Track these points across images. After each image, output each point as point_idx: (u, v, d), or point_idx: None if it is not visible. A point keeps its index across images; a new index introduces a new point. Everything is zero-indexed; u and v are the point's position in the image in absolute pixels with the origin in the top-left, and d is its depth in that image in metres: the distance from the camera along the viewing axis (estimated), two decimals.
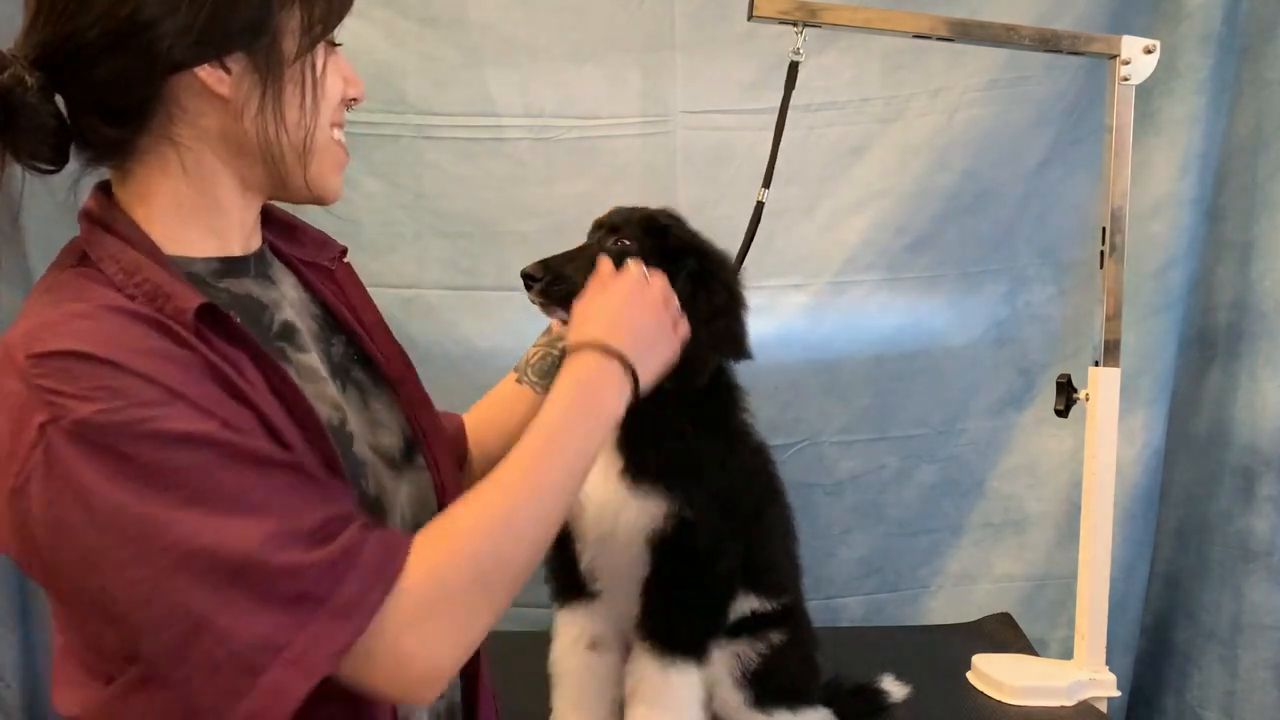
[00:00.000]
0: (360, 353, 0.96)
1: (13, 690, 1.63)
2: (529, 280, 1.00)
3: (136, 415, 0.67)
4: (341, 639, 0.69)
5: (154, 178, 0.83)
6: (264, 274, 0.91)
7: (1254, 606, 1.60)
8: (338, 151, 0.88)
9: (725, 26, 1.68)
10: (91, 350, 0.68)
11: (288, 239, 0.98)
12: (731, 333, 1.04)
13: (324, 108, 0.85)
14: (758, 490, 1.11)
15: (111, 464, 0.67)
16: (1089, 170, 1.71)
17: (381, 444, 0.92)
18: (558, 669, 1.09)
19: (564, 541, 1.07)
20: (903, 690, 1.37)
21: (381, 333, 0.99)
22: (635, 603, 1.04)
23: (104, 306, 0.73)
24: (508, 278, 1.12)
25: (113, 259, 0.78)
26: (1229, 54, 1.66)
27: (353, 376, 0.94)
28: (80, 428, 0.66)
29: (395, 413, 0.96)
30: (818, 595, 1.79)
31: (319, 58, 0.84)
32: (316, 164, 0.86)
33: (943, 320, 1.79)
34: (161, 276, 0.77)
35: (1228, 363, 1.68)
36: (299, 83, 0.82)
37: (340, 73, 0.87)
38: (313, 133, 0.84)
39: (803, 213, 1.75)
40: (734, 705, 1.08)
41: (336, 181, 0.89)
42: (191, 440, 0.68)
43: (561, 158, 1.71)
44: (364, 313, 0.99)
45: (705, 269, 1.03)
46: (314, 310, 0.95)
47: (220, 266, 0.86)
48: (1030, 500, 1.83)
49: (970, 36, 1.40)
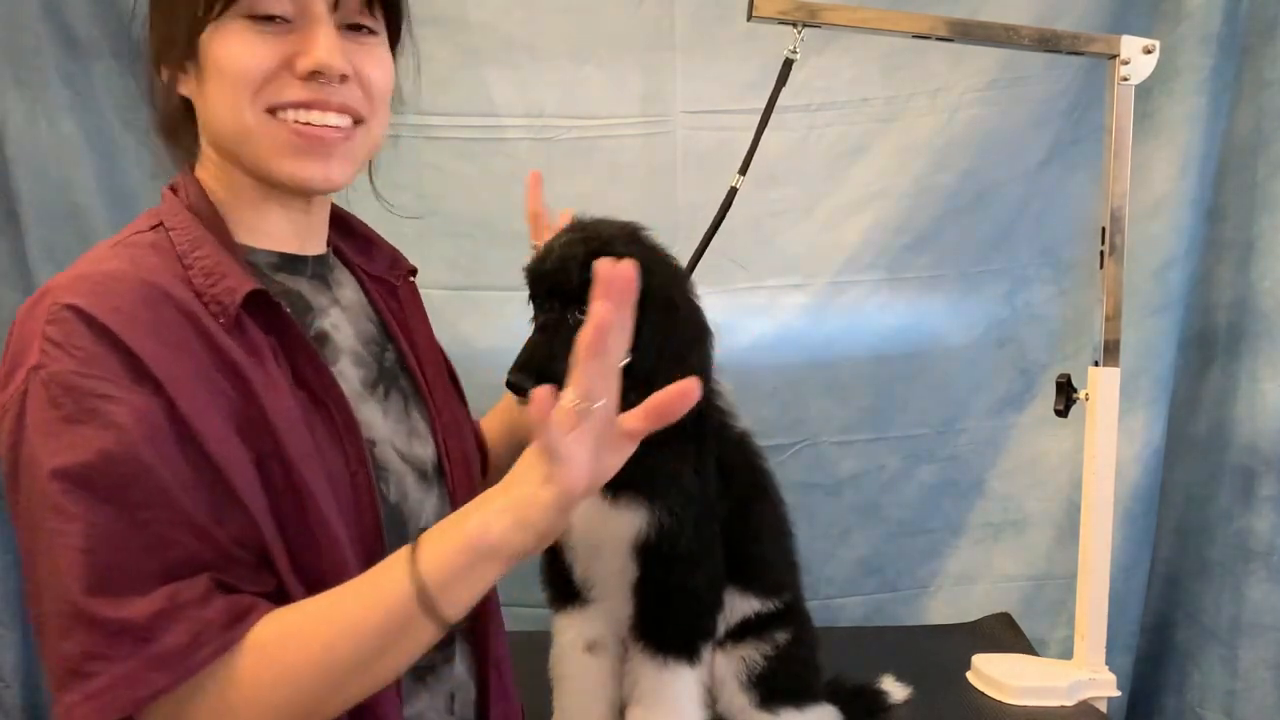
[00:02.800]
0: (407, 367, 0.98)
1: (13, 690, 1.63)
2: (517, 391, 0.92)
3: (96, 388, 0.72)
4: (151, 686, 0.69)
5: (204, 168, 0.89)
6: (321, 276, 0.94)
7: (1254, 606, 1.60)
8: (277, 132, 0.83)
9: (725, 26, 1.68)
10: (98, 315, 0.73)
11: (362, 251, 1.02)
12: (704, 366, 1.00)
13: (237, 87, 0.81)
14: (740, 487, 1.09)
15: (56, 422, 0.71)
16: (1089, 170, 1.71)
17: (414, 453, 0.94)
18: (557, 671, 1.09)
19: (556, 551, 1.07)
20: (903, 691, 1.37)
21: (430, 354, 1.01)
22: (628, 606, 1.04)
23: (142, 280, 0.77)
24: (508, 278, 1.11)
25: (183, 230, 0.83)
26: (1229, 54, 1.66)
27: (399, 384, 0.96)
28: (51, 379, 0.72)
29: (432, 428, 0.98)
30: (818, 595, 1.79)
31: (222, 36, 0.81)
32: (252, 150, 0.83)
33: (943, 320, 1.79)
34: (222, 257, 0.82)
35: (1228, 363, 1.68)
36: (212, 69, 0.82)
37: (278, 45, 0.81)
38: (235, 116, 0.82)
39: (803, 213, 1.75)
40: (739, 707, 1.07)
41: (293, 166, 0.84)
42: (125, 435, 0.71)
43: (561, 158, 1.71)
44: (416, 332, 1.01)
45: (670, 299, 0.98)
46: (370, 315, 0.98)
47: (278, 261, 0.90)
48: (1030, 500, 1.83)
49: (970, 36, 1.40)
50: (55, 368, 0.72)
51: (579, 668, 1.07)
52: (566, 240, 0.97)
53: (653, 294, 0.93)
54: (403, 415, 0.95)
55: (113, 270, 0.77)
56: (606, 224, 1.00)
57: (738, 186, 1.33)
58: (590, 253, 0.92)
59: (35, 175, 1.58)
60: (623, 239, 0.97)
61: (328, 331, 0.91)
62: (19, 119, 1.57)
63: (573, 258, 0.94)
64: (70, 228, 1.59)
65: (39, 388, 0.72)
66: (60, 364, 0.72)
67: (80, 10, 1.58)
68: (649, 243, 1.01)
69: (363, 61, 0.85)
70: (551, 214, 1.20)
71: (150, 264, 0.79)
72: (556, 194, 1.71)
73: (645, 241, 1.00)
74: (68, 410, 0.71)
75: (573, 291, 0.93)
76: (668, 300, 0.96)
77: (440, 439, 0.98)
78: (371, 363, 0.94)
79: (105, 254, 0.80)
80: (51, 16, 1.57)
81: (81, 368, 0.72)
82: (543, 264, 0.96)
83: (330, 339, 0.91)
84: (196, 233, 0.83)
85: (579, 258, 0.93)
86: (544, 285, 0.96)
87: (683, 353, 0.97)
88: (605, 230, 0.98)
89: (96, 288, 0.75)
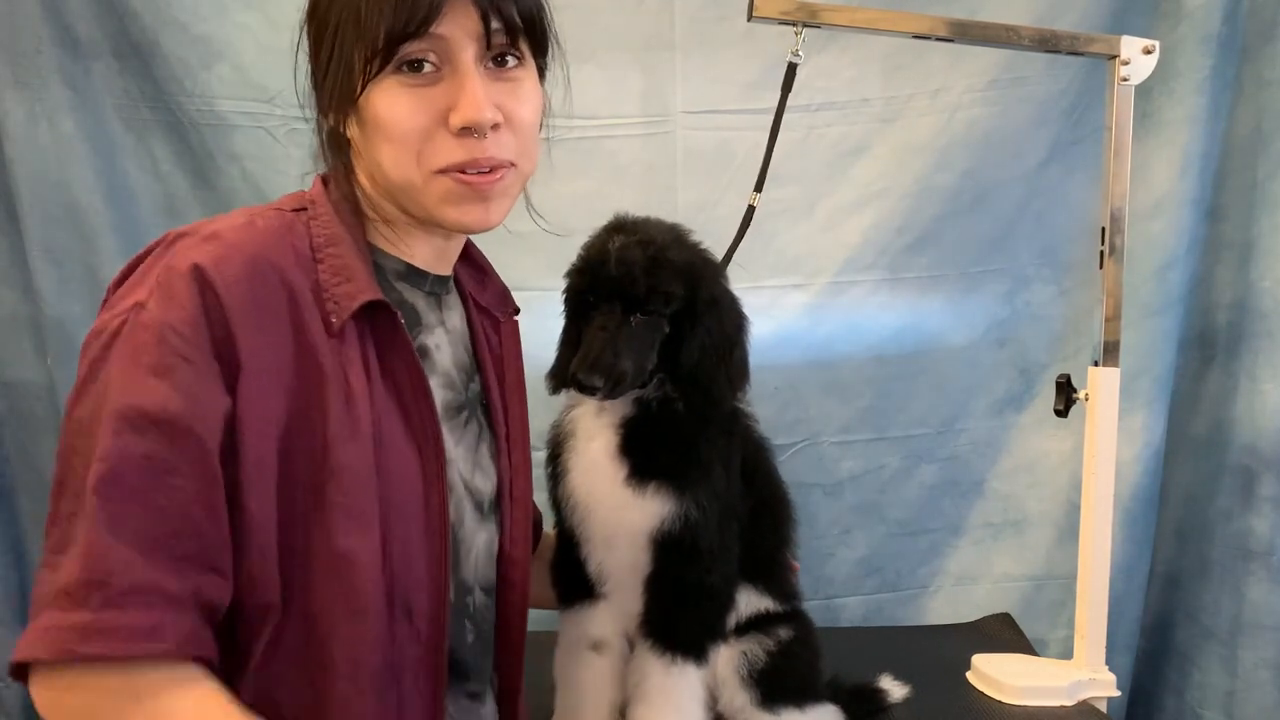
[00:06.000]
0: (488, 401, 1.00)
1: (13, 690, 1.63)
2: (587, 389, 0.97)
3: (181, 349, 0.74)
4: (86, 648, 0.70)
5: (360, 179, 0.91)
6: (436, 295, 0.96)
7: (1254, 606, 1.60)
8: (446, 185, 0.85)
9: (725, 26, 1.68)
10: (215, 281, 0.76)
11: (476, 282, 1.05)
12: (744, 361, 1.06)
13: (397, 146, 0.83)
14: (761, 488, 1.11)
15: (136, 366, 0.74)
16: (1089, 170, 1.71)
17: (475, 484, 0.96)
18: (561, 670, 1.10)
19: (569, 546, 1.07)
20: (902, 690, 1.36)
21: (515, 394, 1.03)
22: (639, 602, 1.04)
23: (268, 260, 0.79)
24: (507, 277, 1.11)
25: (325, 222, 0.86)
26: (1229, 54, 1.66)
27: (478, 416, 0.99)
28: (148, 324, 0.75)
29: (498, 466, 0.99)
30: (817, 595, 1.79)
31: (382, 94, 0.82)
32: (415, 200, 0.86)
33: (943, 320, 1.79)
34: (353, 258, 0.84)
35: (1228, 363, 1.68)
36: (373, 126, 0.84)
37: (430, 100, 0.83)
38: (399, 172, 0.84)
39: (803, 213, 1.75)
40: (739, 705, 1.08)
41: (458, 214, 0.87)
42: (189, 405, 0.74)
43: (561, 158, 1.68)
44: (508, 370, 1.03)
45: (715, 298, 1.03)
46: (468, 344, 1.00)
47: (404, 270, 0.92)
48: (1030, 500, 1.83)
49: (970, 36, 1.40)
50: (157, 315, 0.75)
51: (583, 666, 1.08)
52: (622, 244, 0.98)
53: (700, 296, 1.00)
54: (473, 446, 0.97)
55: (244, 241, 0.79)
56: (654, 225, 1.03)
57: (755, 205, 1.33)
58: (650, 258, 0.97)
59: (35, 175, 1.58)
60: (674, 243, 1.01)
61: (430, 348, 0.93)
62: (19, 119, 1.57)
63: (635, 263, 0.97)
64: (70, 228, 1.59)
65: (135, 327, 0.75)
66: (161, 314, 0.75)
67: (80, 10, 1.58)
68: (694, 244, 1.05)
69: (511, 102, 0.87)
70: (551, 214, 1.20)
71: (283, 244, 0.82)
72: (556, 194, 1.70)
73: (690, 244, 1.04)
74: (150, 359, 0.74)
75: (635, 297, 0.97)
76: (712, 300, 1.02)
77: (503, 477, 0.99)
78: (460, 388, 0.96)
79: (245, 221, 0.82)
80: (51, 16, 1.57)
81: (180, 325, 0.75)
82: (604, 268, 0.98)
83: (430, 356, 0.93)
84: (336, 229, 0.85)
85: (641, 263, 0.97)
86: (605, 289, 0.98)
87: (726, 351, 1.02)
88: (656, 234, 1.01)
89: (226, 253, 0.78)
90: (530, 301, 1.14)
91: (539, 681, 1.10)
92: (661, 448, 1.02)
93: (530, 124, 0.90)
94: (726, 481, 1.05)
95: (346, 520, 0.80)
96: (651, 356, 1.00)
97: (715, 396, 1.02)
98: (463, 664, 0.95)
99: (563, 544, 1.09)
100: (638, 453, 1.02)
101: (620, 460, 1.02)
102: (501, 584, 1.00)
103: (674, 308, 0.99)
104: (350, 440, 0.80)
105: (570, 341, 1.05)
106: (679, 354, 1.00)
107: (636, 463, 1.01)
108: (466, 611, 0.95)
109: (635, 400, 1.03)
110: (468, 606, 0.95)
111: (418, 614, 0.85)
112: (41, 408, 1.64)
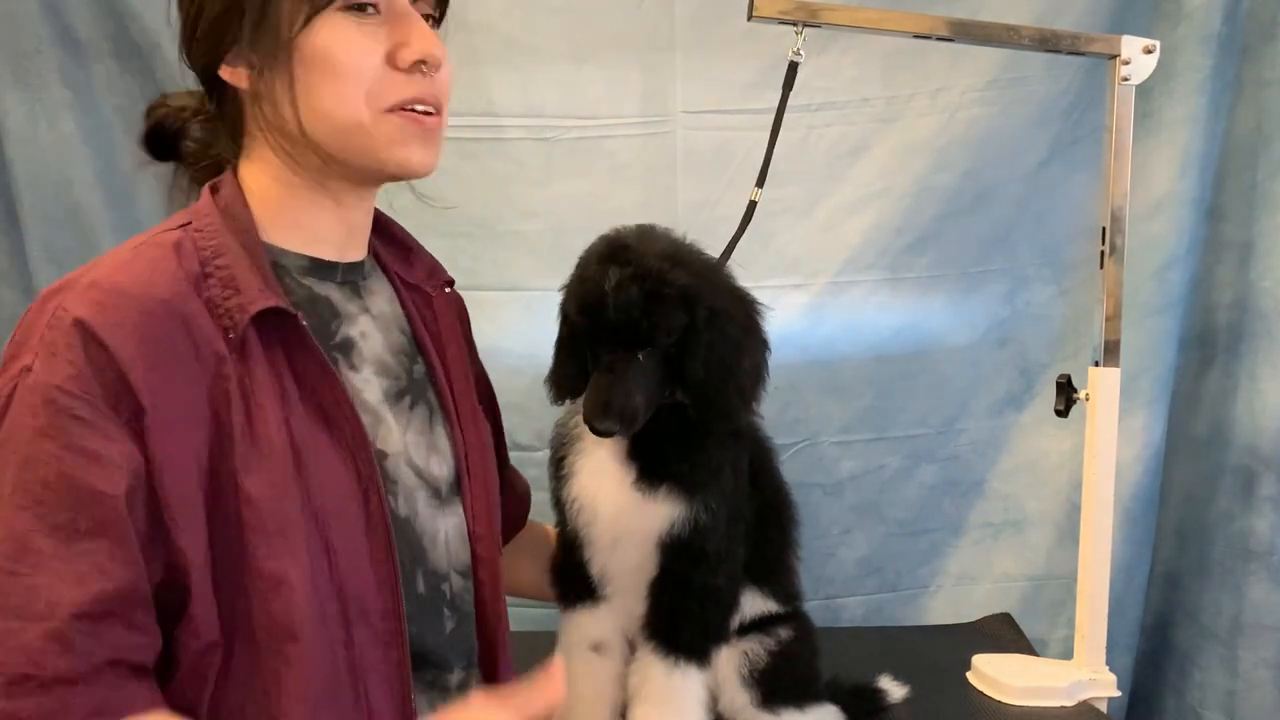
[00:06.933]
0: (436, 380, 0.97)
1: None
2: (605, 435, 0.96)
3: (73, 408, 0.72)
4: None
5: (249, 166, 0.88)
6: (352, 283, 0.93)
7: (1254, 606, 1.59)
8: (396, 124, 0.84)
9: (725, 26, 1.68)
10: (99, 331, 0.73)
11: (401, 260, 1.01)
12: (756, 369, 1.04)
13: (349, 82, 0.82)
14: (767, 491, 1.11)
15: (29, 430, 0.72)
16: (1089, 170, 1.71)
17: (430, 470, 0.93)
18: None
19: (571, 547, 1.07)
20: (902, 690, 1.36)
21: (459, 369, 1.00)
22: (642, 605, 1.04)
23: (152, 298, 0.77)
24: (508, 277, 1.11)
25: (209, 234, 0.83)
26: (1229, 54, 1.66)
27: (426, 398, 0.96)
28: (35, 388, 0.73)
29: (454, 445, 0.97)
30: (817, 595, 1.78)
31: (329, 30, 0.81)
32: (361, 142, 0.84)
33: (943, 320, 1.79)
34: (242, 268, 0.81)
35: (1228, 363, 1.68)
36: (313, 63, 0.82)
37: (377, 38, 0.83)
38: (346, 110, 0.82)
39: (803, 213, 1.75)
40: (740, 705, 1.08)
41: (405, 153, 0.85)
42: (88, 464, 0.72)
43: (561, 158, 1.71)
44: (448, 345, 1.00)
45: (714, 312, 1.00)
46: (403, 326, 0.97)
47: (308, 264, 0.89)
48: (1030, 500, 1.83)
49: (970, 36, 1.40)
50: (41, 377, 0.73)
51: (584, 668, 1.07)
52: (618, 283, 0.94)
53: (700, 313, 0.97)
54: (425, 429, 0.94)
55: (124, 284, 0.77)
56: (649, 246, 0.97)
57: (756, 200, 1.33)
58: (646, 294, 0.93)
59: (35, 175, 1.58)
60: (670, 267, 0.95)
61: (354, 339, 0.91)
62: (19, 119, 1.57)
63: (632, 304, 0.93)
64: (70, 228, 1.59)
65: (25, 391, 0.73)
66: (47, 374, 0.73)
67: (80, 10, 1.58)
68: (693, 257, 1.00)
69: (439, 50, 0.87)
70: (551, 214, 1.20)
71: (168, 271, 0.79)
72: (556, 194, 1.72)
73: (689, 258, 0.99)
74: (41, 423, 0.72)
75: (638, 337, 0.95)
76: (712, 315, 0.98)
77: (461, 457, 0.97)
78: (400, 373, 0.94)
79: (126, 258, 0.80)
80: (51, 16, 1.57)
81: (66, 383, 0.72)
82: (602, 312, 0.94)
83: (356, 346, 0.90)
84: (222, 239, 0.83)
85: (637, 302, 0.93)
86: (606, 331, 0.96)
87: (734, 361, 1.00)
88: (652, 260, 0.95)
89: (105, 300, 0.75)
90: (530, 301, 1.14)
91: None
92: (671, 450, 1.01)
93: (450, 76, 0.91)
94: (735, 484, 1.04)
95: (267, 543, 0.78)
96: (663, 383, 0.99)
97: (726, 409, 1.00)
98: (437, 654, 0.92)
99: (565, 546, 1.09)
100: (647, 455, 1.01)
101: (629, 463, 1.01)
102: (473, 561, 0.97)
103: (676, 336, 0.97)
104: (258, 461, 0.78)
105: (568, 352, 1.04)
106: (685, 371, 0.98)
107: (645, 465, 1.01)
108: (444, 599, 0.93)
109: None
110: (444, 594, 0.93)
111: (374, 614, 0.84)
112: None
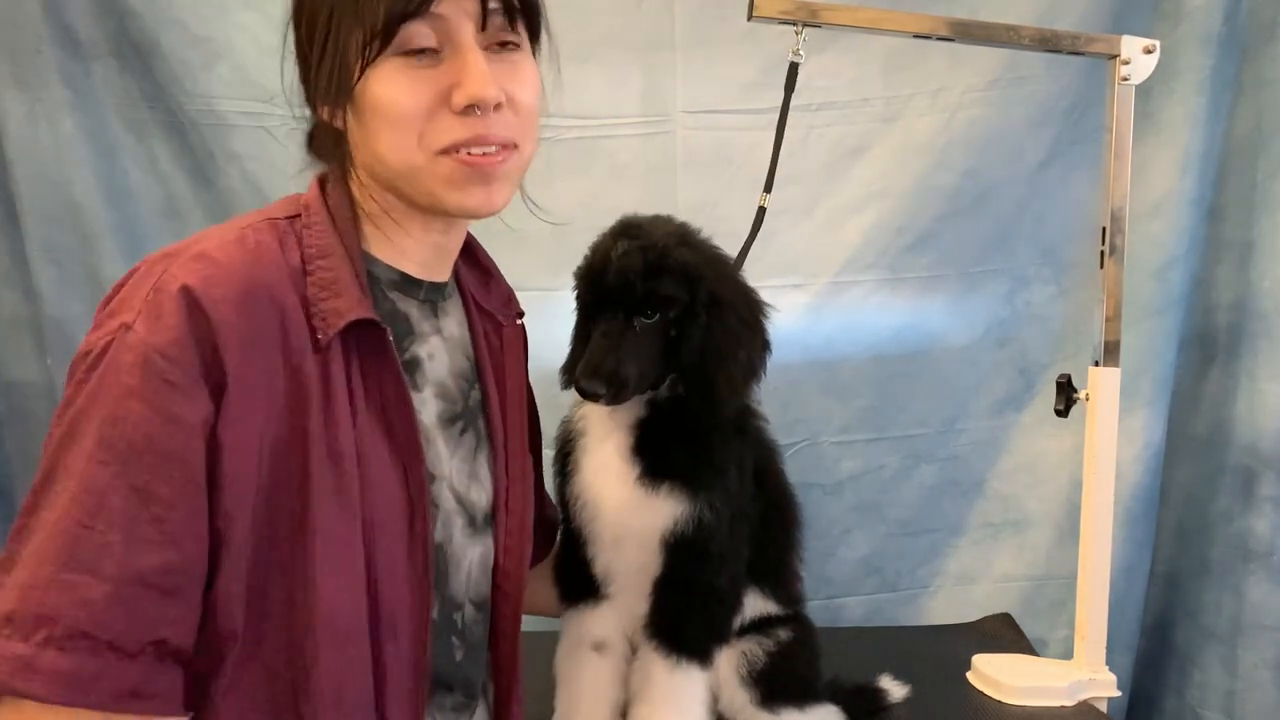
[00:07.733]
0: (488, 409, 0.98)
1: None
2: (590, 396, 0.97)
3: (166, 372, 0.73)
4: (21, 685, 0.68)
5: (353, 180, 0.89)
6: (431, 303, 0.94)
7: (1254, 606, 1.60)
8: (450, 166, 0.83)
9: (725, 26, 1.68)
10: (203, 302, 0.75)
11: (480, 284, 1.03)
12: (752, 362, 1.04)
13: (399, 128, 0.82)
14: (771, 492, 1.11)
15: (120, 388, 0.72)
16: (1089, 170, 1.71)
17: (470, 497, 0.94)
18: (561, 669, 1.10)
19: (573, 545, 1.07)
20: (902, 690, 1.37)
21: (515, 403, 1.01)
22: (644, 604, 1.04)
23: (255, 279, 0.78)
24: (507, 277, 1.11)
25: (317, 232, 0.84)
26: (1229, 54, 1.66)
27: (476, 425, 0.97)
28: (133, 346, 0.73)
29: (495, 476, 0.97)
30: (818, 595, 1.78)
31: (381, 78, 0.81)
32: (417, 185, 0.85)
33: (943, 320, 1.79)
34: (343, 270, 0.83)
35: (1228, 363, 1.68)
36: (370, 112, 0.82)
37: (431, 81, 0.82)
38: (400, 156, 0.83)
39: (803, 213, 1.75)
40: (740, 705, 1.08)
41: (460, 196, 0.85)
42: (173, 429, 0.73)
43: (561, 158, 1.71)
44: (509, 377, 1.01)
45: (716, 297, 1.01)
46: (468, 352, 0.98)
47: (398, 279, 0.91)
48: (1030, 500, 1.83)
49: (970, 36, 1.40)
50: (142, 336, 0.73)
51: (584, 666, 1.07)
52: (624, 251, 0.98)
53: (699, 296, 0.98)
54: (469, 457, 0.95)
55: (234, 260, 0.78)
56: (659, 226, 1.02)
57: (765, 206, 1.33)
58: (649, 263, 0.96)
59: (35, 175, 1.58)
60: (675, 244, 0.99)
61: (422, 359, 0.91)
62: (19, 119, 1.57)
63: (633, 269, 0.97)
64: (70, 228, 1.59)
65: (121, 349, 0.74)
66: (148, 334, 0.73)
67: (80, 10, 1.58)
68: (702, 243, 1.03)
69: (512, 84, 0.85)
70: (551, 214, 1.20)
71: (273, 258, 0.81)
72: (556, 194, 1.70)
73: (697, 242, 1.03)
74: (134, 382, 0.72)
75: (635, 302, 0.97)
76: (713, 299, 1.00)
77: (500, 488, 0.97)
78: (457, 398, 0.95)
79: (232, 237, 0.81)
80: (51, 16, 1.57)
81: (166, 347, 0.73)
82: (604, 277, 0.98)
83: (422, 366, 0.91)
84: (328, 240, 0.84)
85: (639, 269, 0.96)
86: (606, 297, 0.98)
87: (730, 350, 1.00)
88: (658, 236, 0.99)
89: (215, 273, 0.76)
90: (531, 302, 1.13)
91: (539, 682, 1.10)
92: (675, 448, 1.01)
93: (531, 106, 0.89)
94: (739, 483, 1.04)
95: (327, 545, 0.78)
96: (657, 360, 0.99)
97: (715, 397, 1.00)
98: (447, 679, 0.93)
99: (567, 543, 1.09)
100: (651, 453, 1.01)
101: (633, 460, 1.02)
102: (496, 594, 0.97)
103: (676, 311, 0.98)
104: (329, 466, 0.78)
105: (582, 338, 1.05)
106: (680, 351, 0.99)
107: (649, 463, 1.01)
108: (454, 628, 0.93)
109: (648, 401, 1.03)
110: (455, 623, 0.93)
111: (403, 634, 0.84)
112: (41, 408, 1.64)
